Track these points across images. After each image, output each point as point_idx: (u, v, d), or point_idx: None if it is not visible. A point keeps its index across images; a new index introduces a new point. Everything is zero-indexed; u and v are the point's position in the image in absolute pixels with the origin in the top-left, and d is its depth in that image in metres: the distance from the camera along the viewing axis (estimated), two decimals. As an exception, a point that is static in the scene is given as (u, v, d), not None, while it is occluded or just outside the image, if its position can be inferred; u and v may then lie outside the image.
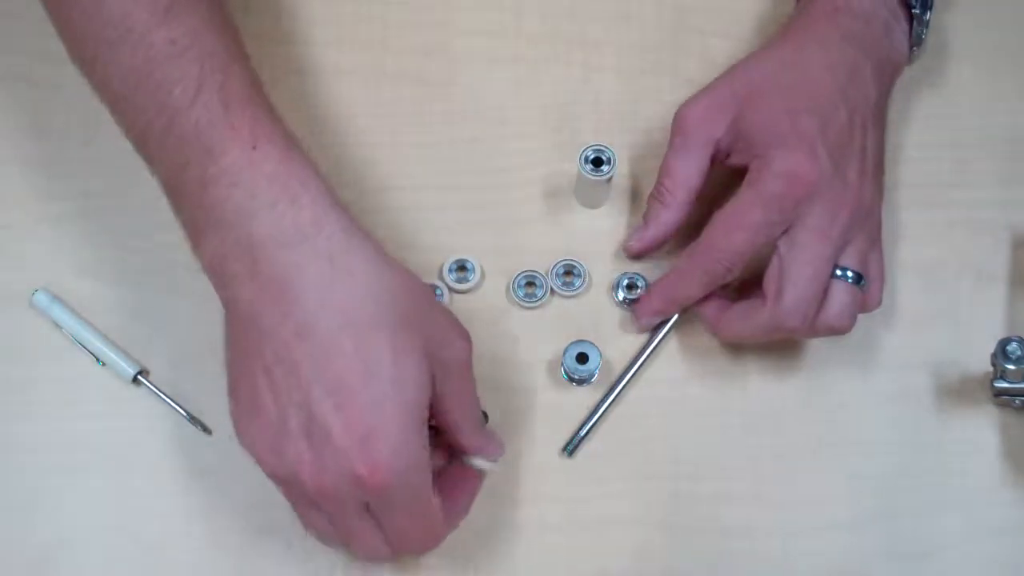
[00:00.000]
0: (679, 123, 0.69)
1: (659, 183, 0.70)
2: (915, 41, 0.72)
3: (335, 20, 0.78)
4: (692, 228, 0.70)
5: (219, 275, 0.60)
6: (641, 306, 0.71)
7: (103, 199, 0.74)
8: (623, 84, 0.77)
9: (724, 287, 0.69)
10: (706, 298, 0.69)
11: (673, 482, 0.69)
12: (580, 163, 0.71)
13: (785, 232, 0.66)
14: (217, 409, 0.70)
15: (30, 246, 0.73)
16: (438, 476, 0.61)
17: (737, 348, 0.71)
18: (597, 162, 0.71)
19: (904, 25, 0.71)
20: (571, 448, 0.69)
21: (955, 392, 0.71)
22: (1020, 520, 0.69)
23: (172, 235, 0.72)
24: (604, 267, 0.73)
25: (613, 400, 0.70)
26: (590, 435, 0.70)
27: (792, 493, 0.69)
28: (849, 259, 0.66)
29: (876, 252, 0.68)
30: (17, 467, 0.69)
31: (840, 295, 0.66)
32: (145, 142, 0.62)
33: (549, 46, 0.78)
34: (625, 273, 0.72)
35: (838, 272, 0.66)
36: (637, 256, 0.72)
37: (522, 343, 0.71)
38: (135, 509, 0.68)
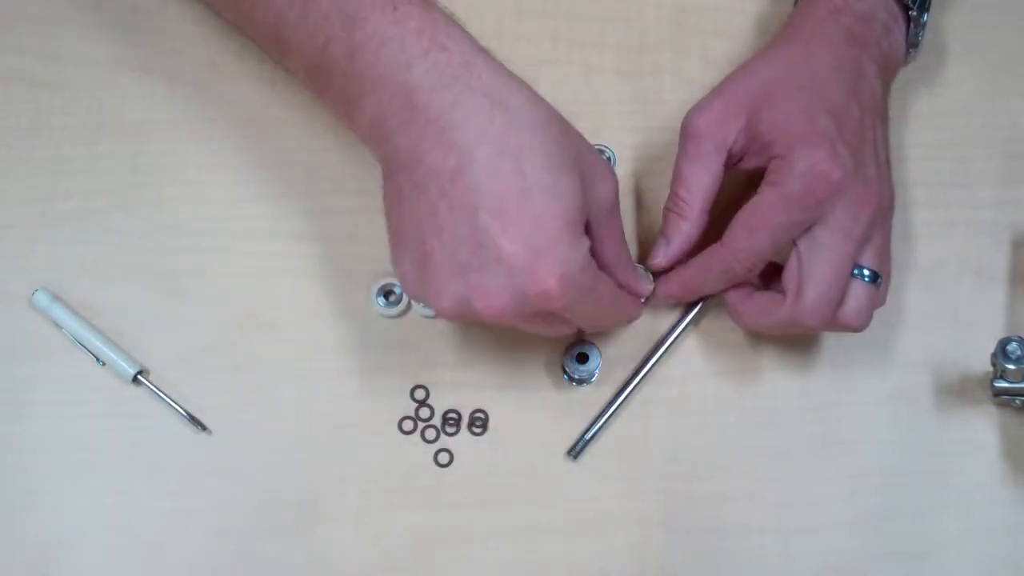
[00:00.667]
0: (690, 129, 0.68)
1: (674, 194, 0.68)
2: (912, 42, 0.72)
3: (335, 20, 0.78)
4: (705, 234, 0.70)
5: (379, 133, 0.62)
6: (658, 286, 0.70)
7: (103, 199, 0.74)
8: (623, 84, 0.77)
9: None
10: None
11: (673, 482, 0.69)
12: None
13: (806, 230, 0.65)
14: (217, 409, 0.70)
15: (30, 246, 0.73)
16: None
17: (737, 348, 0.71)
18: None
19: (902, 26, 0.71)
20: (576, 451, 0.69)
21: (955, 392, 0.71)
22: (1020, 520, 0.69)
23: (173, 235, 0.72)
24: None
25: (619, 405, 0.70)
26: (589, 434, 0.70)
27: (792, 493, 0.69)
28: (867, 258, 0.66)
29: (888, 249, 0.68)
30: (17, 467, 0.69)
31: (858, 294, 0.66)
32: (280, 34, 0.64)
33: (549, 46, 0.78)
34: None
35: (855, 271, 0.66)
36: (665, 270, 0.69)
37: (522, 343, 0.71)
38: (135, 509, 0.68)
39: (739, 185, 0.71)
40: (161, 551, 0.68)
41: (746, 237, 0.65)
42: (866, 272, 0.66)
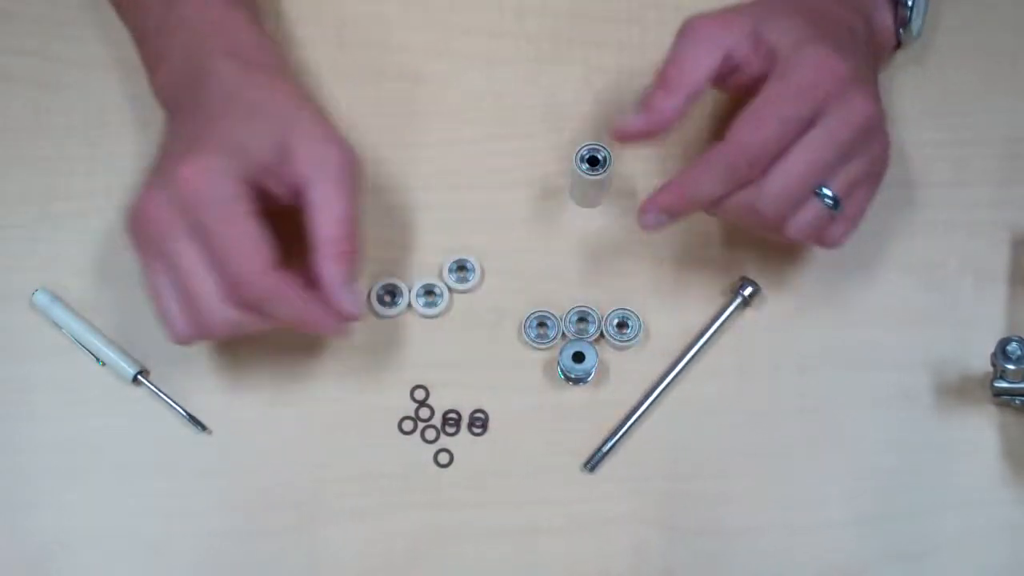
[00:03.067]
0: (689, 30, 0.66)
1: (662, 72, 0.65)
2: (901, 22, 0.71)
3: (335, 20, 0.78)
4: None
5: (168, 100, 0.69)
6: (650, 201, 0.65)
7: (103, 199, 0.74)
8: (623, 84, 0.77)
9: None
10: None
11: (673, 482, 0.69)
12: (575, 162, 0.70)
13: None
14: (217, 409, 0.70)
15: (30, 246, 0.73)
16: None
17: (736, 347, 0.71)
18: (593, 161, 0.70)
19: (890, 3, 0.71)
20: (593, 464, 0.69)
21: (955, 392, 0.71)
22: (1020, 520, 0.69)
23: (172, 235, 0.72)
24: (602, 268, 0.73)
25: (639, 417, 0.70)
26: (589, 434, 0.70)
27: (791, 493, 0.69)
28: (837, 183, 0.64)
29: (865, 189, 0.66)
30: (17, 467, 0.69)
31: (809, 209, 0.64)
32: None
33: (549, 46, 0.78)
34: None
35: (817, 189, 0.64)
36: (622, 140, 0.66)
37: (519, 343, 0.71)
38: (135, 509, 0.68)
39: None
40: (161, 551, 0.68)
41: (753, 129, 0.63)
42: (827, 193, 0.64)
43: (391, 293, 0.72)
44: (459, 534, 0.68)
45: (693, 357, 0.71)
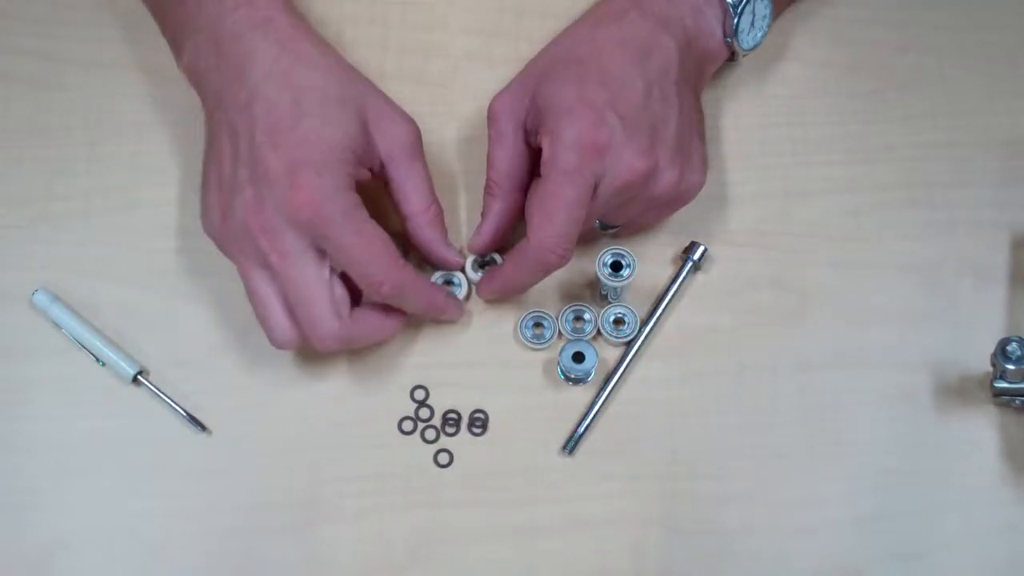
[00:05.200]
0: (490, 114, 0.70)
1: (487, 177, 0.70)
2: (729, 31, 0.71)
3: (335, 20, 0.78)
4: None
5: (195, 76, 0.69)
6: (482, 284, 0.71)
7: (103, 199, 0.74)
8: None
9: None
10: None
11: (671, 482, 0.69)
12: (599, 267, 0.70)
13: None
14: (217, 409, 0.70)
15: (30, 246, 0.73)
16: None
17: (736, 346, 0.71)
18: (616, 266, 0.70)
19: (717, 11, 0.70)
20: (571, 446, 0.69)
21: (955, 392, 0.71)
22: (1020, 520, 0.69)
23: (172, 236, 0.73)
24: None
25: (607, 397, 0.70)
26: (588, 433, 0.70)
27: (791, 493, 0.69)
28: (615, 219, 0.70)
29: (652, 216, 0.71)
30: (17, 467, 0.69)
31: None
32: None
33: (549, 46, 0.78)
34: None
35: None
36: (482, 252, 0.71)
37: (519, 343, 0.71)
38: (135, 509, 0.69)
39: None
40: (161, 551, 0.68)
41: (546, 224, 0.65)
42: (601, 224, 0.71)
43: None
44: (459, 534, 0.68)
45: (656, 323, 0.72)
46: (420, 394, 0.71)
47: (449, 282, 0.72)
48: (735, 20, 0.70)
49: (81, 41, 0.76)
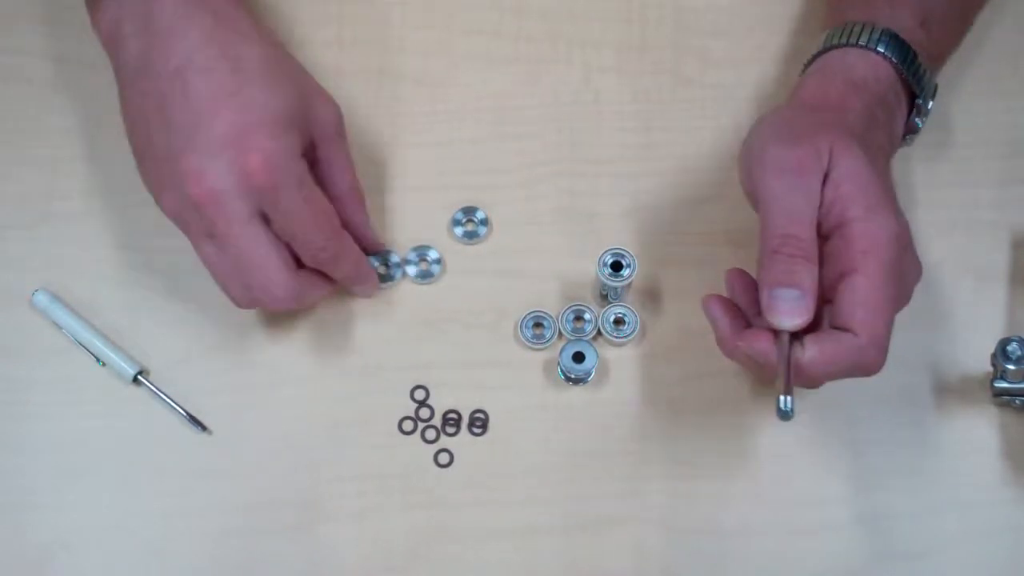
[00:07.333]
0: (774, 161, 0.62)
1: (787, 233, 0.62)
2: (911, 128, 0.71)
3: (335, 20, 0.78)
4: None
5: (114, 39, 0.66)
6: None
7: (103, 199, 0.74)
8: (623, 84, 0.77)
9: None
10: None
11: (671, 482, 0.69)
12: (599, 267, 0.69)
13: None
14: (217, 409, 0.70)
15: (30, 246, 0.73)
16: None
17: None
18: (616, 266, 0.70)
19: (904, 111, 0.70)
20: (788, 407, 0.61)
21: (955, 392, 0.71)
22: (1020, 520, 0.69)
23: (172, 236, 0.72)
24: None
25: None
26: (589, 433, 0.70)
27: (791, 493, 0.69)
28: None
29: None
30: (17, 467, 0.69)
31: None
32: None
33: (549, 46, 0.78)
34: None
35: None
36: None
37: (519, 343, 0.71)
38: (135, 509, 0.68)
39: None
40: (161, 551, 0.68)
41: (878, 321, 0.60)
42: None
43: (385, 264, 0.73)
44: (459, 534, 0.68)
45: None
46: (420, 394, 0.71)
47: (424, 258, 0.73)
48: (923, 117, 0.70)
49: (81, 41, 0.76)
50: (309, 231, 0.65)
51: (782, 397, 0.60)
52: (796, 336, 0.62)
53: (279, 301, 0.66)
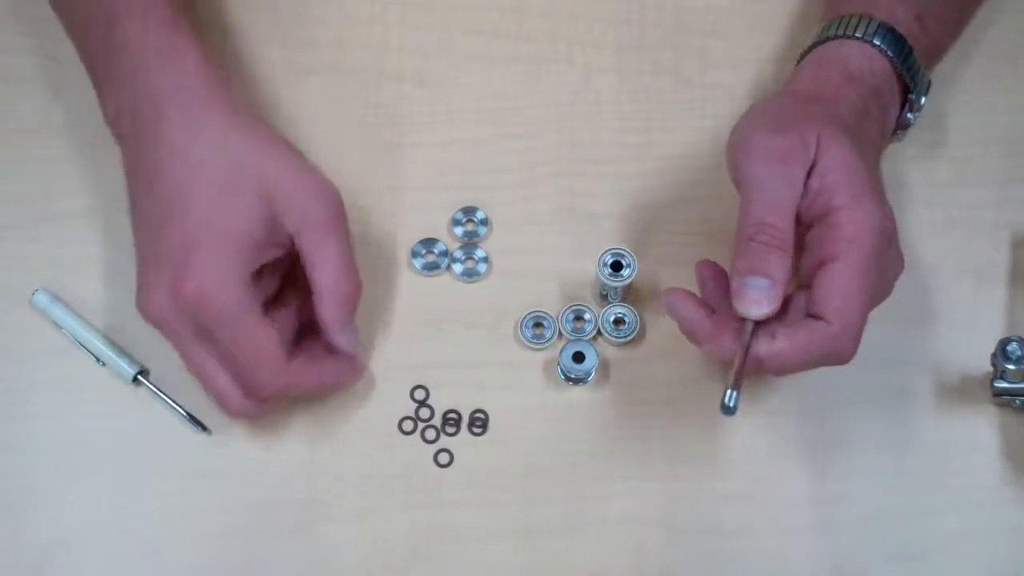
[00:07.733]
0: (759, 148, 0.62)
1: (763, 222, 0.61)
2: (902, 124, 0.70)
3: (335, 20, 0.78)
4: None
5: (116, 136, 0.68)
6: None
7: (103, 199, 0.74)
8: (623, 84, 0.77)
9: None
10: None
11: (671, 482, 0.69)
12: (599, 267, 0.70)
13: None
14: (217, 409, 0.70)
15: (30, 246, 0.73)
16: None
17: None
18: (616, 266, 0.70)
19: (897, 107, 0.69)
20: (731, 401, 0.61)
21: (955, 392, 0.71)
22: (1020, 520, 0.69)
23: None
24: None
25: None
26: (589, 434, 0.70)
27: (790, 493, 0.69)
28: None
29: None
30: (17, 467, 0.69)
31: None
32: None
33: (549, 46, 0.78)
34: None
35: None
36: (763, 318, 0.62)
37: (519, 343, 0.71)
38: (135, 509, 0.68)
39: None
40: (161, 551, 0.68)
41: (851, 309, 0.60)
42: None
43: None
44: (459, 534, 0.68)
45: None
46: (420, 394, 0.71)
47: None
48: (916, 115, 0.70)
49: (81, 41, 0.76)
50: (248, 367, 0.64)
51: (728, 391, 0.60)
52: (763, 326, 0.61)
53: (235, 415, 0.66)
